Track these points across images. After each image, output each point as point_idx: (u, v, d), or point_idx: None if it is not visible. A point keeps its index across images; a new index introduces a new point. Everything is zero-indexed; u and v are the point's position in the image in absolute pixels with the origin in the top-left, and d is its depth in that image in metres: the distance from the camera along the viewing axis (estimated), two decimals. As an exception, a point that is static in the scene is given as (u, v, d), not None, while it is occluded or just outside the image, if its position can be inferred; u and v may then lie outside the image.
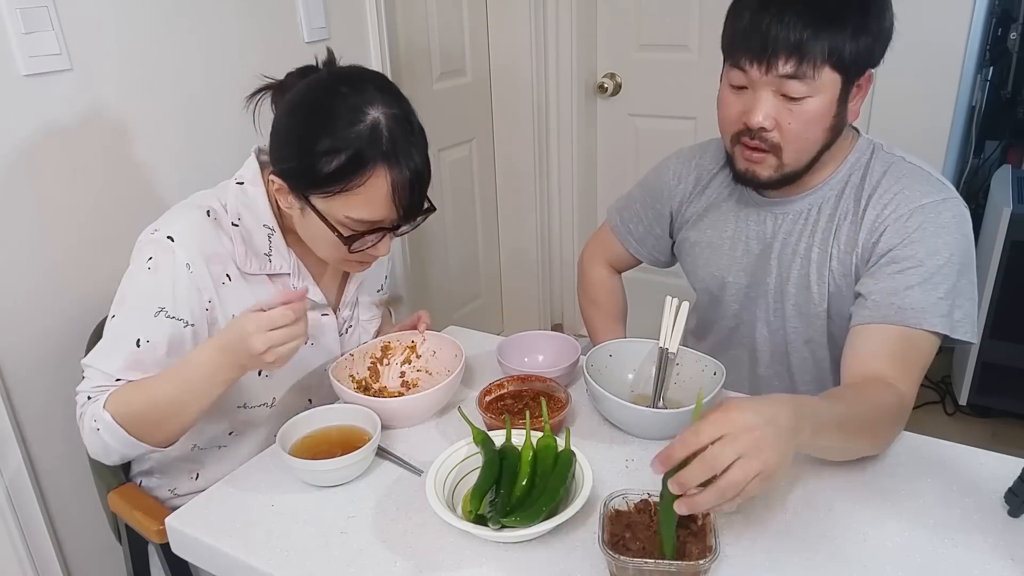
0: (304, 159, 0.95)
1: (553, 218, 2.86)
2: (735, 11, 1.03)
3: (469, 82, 2.56)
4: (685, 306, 1.10)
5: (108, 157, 1.38)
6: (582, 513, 0.84)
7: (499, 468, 0.90)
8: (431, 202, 1.03)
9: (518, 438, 0.95)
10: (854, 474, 0.94)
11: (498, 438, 0.96)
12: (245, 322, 0.92)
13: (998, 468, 0.94)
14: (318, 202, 0.98)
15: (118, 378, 1.01)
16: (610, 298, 1.47)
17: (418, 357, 1.24)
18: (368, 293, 1.26)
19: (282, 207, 1.04)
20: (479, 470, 0.91)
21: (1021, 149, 2.66)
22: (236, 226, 1.06)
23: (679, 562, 0.75)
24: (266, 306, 0.93)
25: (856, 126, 1.14)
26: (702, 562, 0.75)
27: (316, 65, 1.05)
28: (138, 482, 1.23)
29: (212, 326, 1.05)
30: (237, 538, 0.90)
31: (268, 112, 1.05)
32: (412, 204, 0.99)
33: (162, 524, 0.97)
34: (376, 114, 0.94)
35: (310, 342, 1.15)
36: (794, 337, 1.20)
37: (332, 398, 1.14)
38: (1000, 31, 2.45)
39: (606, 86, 2.69)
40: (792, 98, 1.00)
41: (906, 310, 1.00)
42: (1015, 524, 0.85)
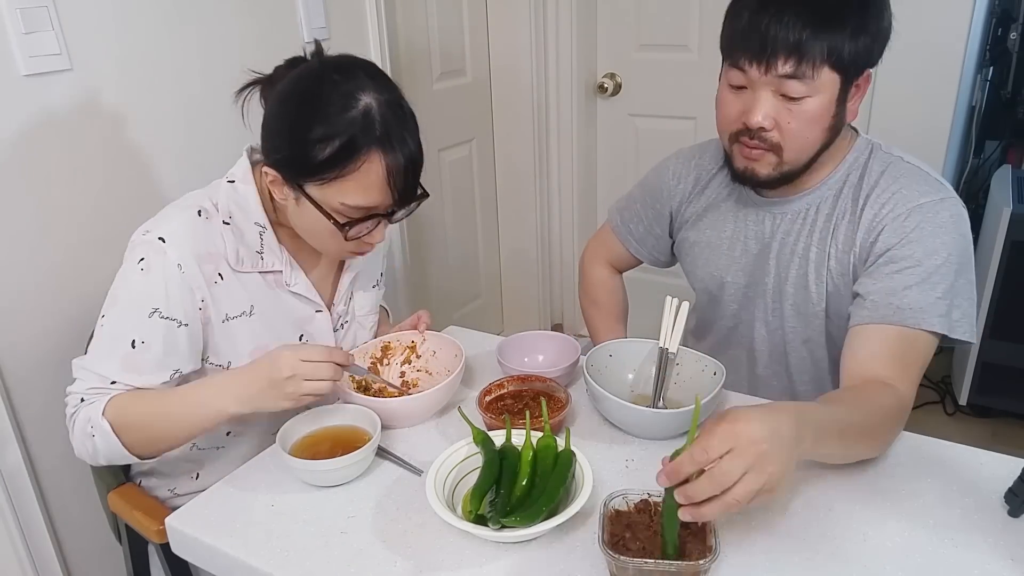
0: (297, 147, 0.95)
1: (553, 218, 2.86)
2: (734, 11, 1.03)
3: (469, 82, 2.56)
4: (685, 306, 1.10)
5: (108, 157, 1.38)
6: (582, 513, 0.84)
7: (499, 468, 0.90)
8: (424, 188, 1.04)
9: (518, 438, 0.95)
10: (854, 474, 0.94)
11: (498, 438, 0.96)
12: (281, 347, 0.97)
13: (998, 468, 0.94)
14: (313, 190, 0.98)
15: (114, 380, 1.01)
16: (611, 298, 1.47)
17: (418, 357, 1.24)
18: (363, 288, 1.25)
19: (276, 199, 1.04)
20: (479, 470, 0.91)
21: (1021, 149, 2.65)
22: (227, 224, 1.06)
23: (679, 562, 0.75)
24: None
25: (855, 126, 1.14)
26: (702, 562, 0.75)
27: (304, 56, 1.05)
28: (137, 482, 1.23)
29: (206, 326, 1.06)
30: (237, 538, 0.90)
31: (257, 108, 1.05)
32: (407, 188, 0.99)
33: (162, 524, 0.97)
34: (368, 100, 0.94)
35: (304, 338, 1.15)
36: (792, 337, 1.20)
37: (330, 398, 1.14)
38: (1000, 31, 2.45)
39: (606, 86, 2.69)
40: (791, 98, 1.00)
41: (904, 310, 1.00)
42: (1015, 524, 0.85)
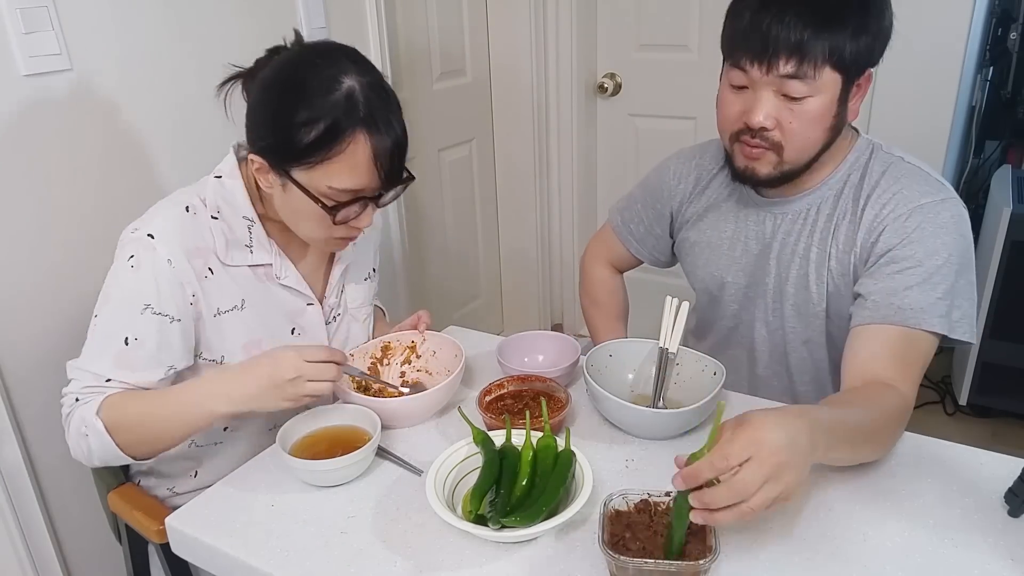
0: (282, 132, 0.96)
1: (553, 218, 2.86)
2: (735, 11, 1.02)
3: (469, 82, 2.56)
4: (685, 306, 1.10)
5: (108, 157, 1.38)
6: (582, 513, 0.84)
7: (499, 468, 0.90)
8: (409, 171, 1.04)
9: (518, 438, 0.95)
10: (854, 474, 0.94)
11: (498, 438, 0.96)
12: (284, 348, 0.98)
13: (998, 468, 0.94)
14: (299, 175, 0.98)
15: (108, 378, 1.01)
16: (611, 298, 1.48)
17: (418, 357, 1.24)
18: (355, 281, 1.25)
19: (263, 188, 1.04)
20: (479, 470, 0.91)
21: (1021, 149, 2.65)
22: (215, 219, 1.06)
23: (679, 562, 0.75)
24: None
25: (855, 126, 1.14)
26: (702, 562, 0.75)
27: (285, 45, 1.05)
28: (137, 481, 1.23)
29: (197, 321, 1.06)
30: (237, 538, 0.90)
31: (240, 103, 1.05)
32: (392, 169, 1.00)
33: (162, 524, 0.97)
34: (351, 82, 0.95)
35: (297, 331, 1.15)
36: (793, 337, 1.20)
37: (328, 397, 1.14)
38: (1000, 31, 2.45)
39: (606, 86, 2.69)
40: (793, 98, 1.00)
41: (905, 310, 1.00)
42: (1015, 524, 0.85)
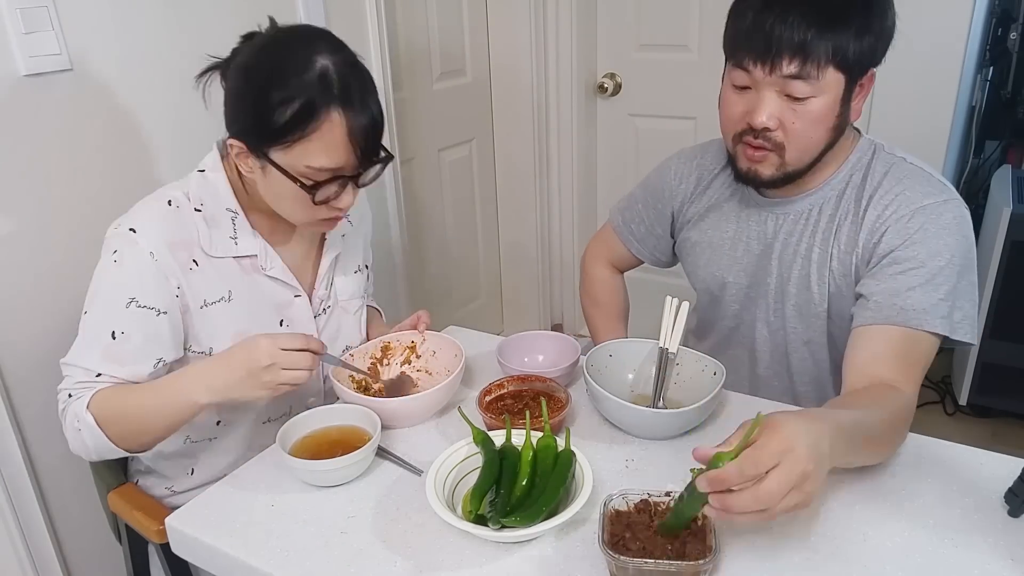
0: (259, 113, 0.96)
1: (553, 218, 2.86)
2: (738, 10, 1.02)
3: (469, 82, 2.56)
4: (685, 306, 1.10)
5: (108, 157, 1.38)
6: (582, 513, 0.84)
7: (499, 468, 0.90)
8: (387, 150, 1.05)
9: (518, 438, 0.95)
10: (854, 474, 0.94)
11: (498, 438, 0.95)
12: (258, 336, 0.97)
13: (998, 468, 0.94)
14: (278, 156, 0.99)
15: (98, 373, 1.02)
16: (612, 298, 1.47)
17: (418, 357, 1.24)
18: (344, 272, 1.25)
19: (244, 173, 1.05)
20: (479, 470, 0.91)
21: (1021, 149, 2.65)
22: (199, 211, 1.07)
23: (679, 562, 0.75)
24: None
25: (857, 126, 1.14)
26: (702, 562, 0.75)
27: (259, 31, 1.06)
28: (135, 481, 1.23)
29: (185, 313, 1.06)
30: (237, 538, 0.90)
31: (219, 98, 1.05)
32: (368, 146, 1.00)
33: (162, 524, 0.97)
34: (324, 61, 0.96)
35: (285, 323, 1.16)
36: (794, 338, 1.20)
37: (315, 382, 1.15)
38: (1000, 31, 2.45)
39: (606, 86, 2.69)
40: (796, 98, 0.99)
41: (908, 311, 1.00)
42: (1015, 524, 0.85)
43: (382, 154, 1.04)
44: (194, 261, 1.06)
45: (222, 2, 1.53)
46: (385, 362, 1.23)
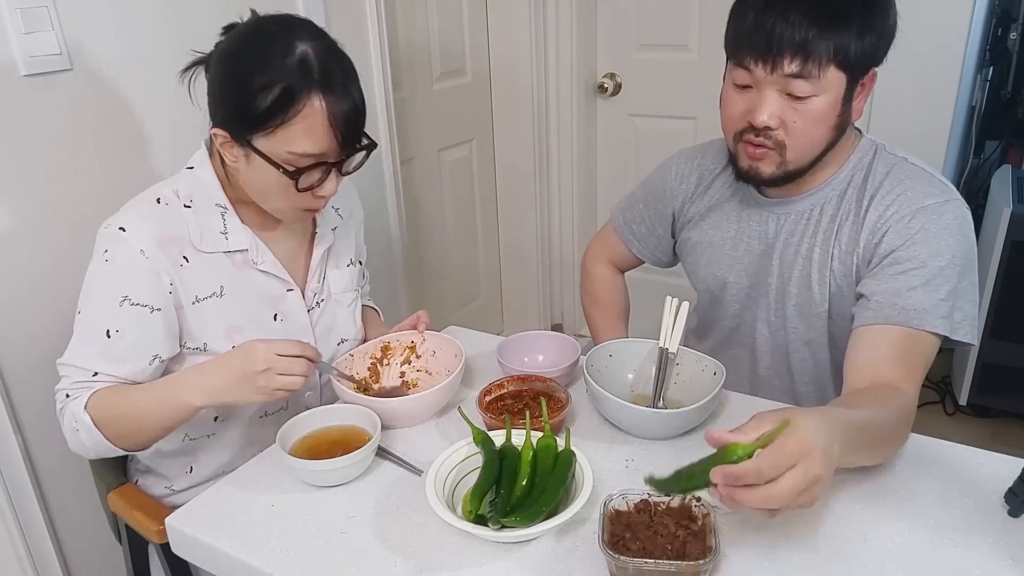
0: (241, 100, 0.97)
1: (553, 218, 2.86)
2: (739, 10, 1.02)
3: (469, 82, 2.56)
4: (685, 306, 1.10)
5: (108, 157, 1.38)
6: (582, 513, 0.84)
7: (499, 468, 0.90)
8: (370, 138, 1.05)
9: (518, 438, 0.95)
10: (854, 474, 0.94)
11: (498, 438, 0.96)
12: (255, 341, 0.99)
13: (998, 468, 0.94)
14: (261, 143, 0.99)
15: (95, 372, 1.03)
16: (613, 297, 1.47)
17: (418, 357, 1.24)
18: (337, 266, 1.25)
19: (228, 162, 1.05)
20: (479, 470, 0.91)
21: (1021, 149, 2.65)
22: (189, 208, 1.08)
23: (679, 562, 0.75)
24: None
25: (858, 127, 1.14)
26: (702, 562, 0.75)
27: (240, 21, 1.06)
28: (135, 481, 1.23)
29: (179, 309, 1.07)
30: (237, 538, 0.90)
31: (203, 93, 1.06)
32: (349, 131, 1.00)
33: (162, 524, 0.97)
34: (304, 47, 0.96)
35: (280, 318, 1.16)
36: (794, 338, 1.20)
37: (312, 378, 1.15)
38: (1000, 31, 2.45)
39: (606, 86, 2.69)
40: (797, 97, 1.00)
41: (908, 311, 1.00)
42: (1015, 524, 0.85)
43: (364, 141, 1.04)
44: (184, 257, 1.06)
45: (222, 3, 1.53)
46: (385, 362, 1.23)
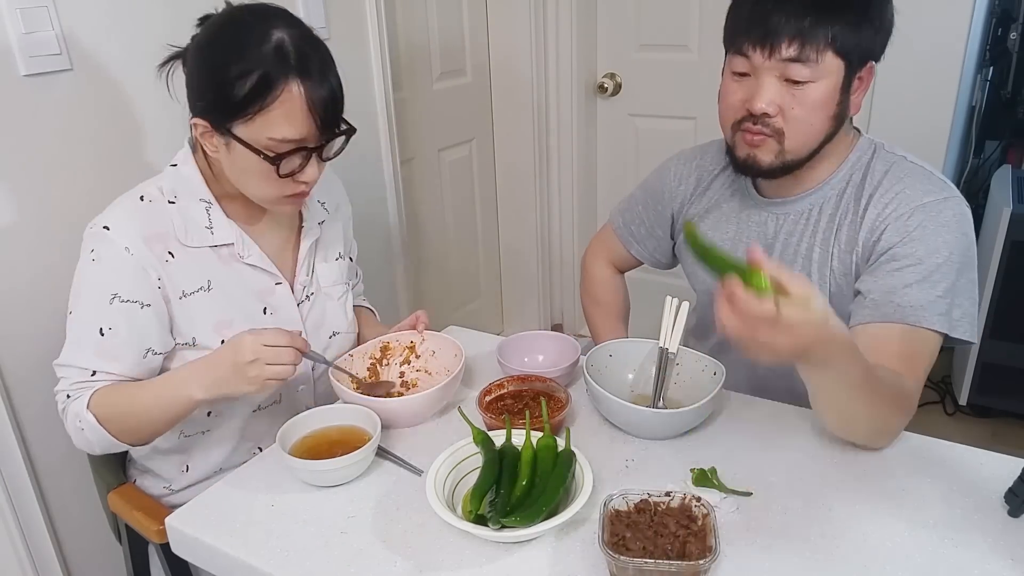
0: (219, 89, 0.97)
1: (553, 218, 2.86)
2: (737, 2, 1.04)
3: (469, 82, 2.56)
4: (685, 306, 1.10)
5: (107, 157, 1.38)
6: (582, 513, 0.84)
7: (499, 468, 0.90)
8: (349, 123, 1.05)
9: (518, 438, 0.95)
10: (854, 474, 0.94)
11: (498, 438, 0.96)
12: (243, 333, 0.99)
13: (998, 468, 0.94)
14: (241, 131, 1.00)
15: (93, 371, 1.04)
16: (612, 297, 1.47)
17: (417, 357, 1.24)
18: (325, 259, 1.25)
19: (209, 153, 1.05)
20: (479, 470, 0.91)
21: (1021, 149, 2.66)
22: (173, 203, 1.08)
23: (679, 562, 0.75)
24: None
25: (857, 126, 1.14)
26: (702, 562, 0.75)
27: (215, 12, 1.07)
28: (133, 481, 1.23)
29: (168, 304, 1.07)
30: (237, 538, 0.90)
31: (182, 87, 1.06)
32: (327, 116, 1.01)
33: (162, 524, 0.97)
34: (280, 34, 0.97)
35: (269, 312, 1.16)
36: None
37: (304, 372, 1.17)
38: (1000, 31, 2.45)
39: (606, 86, 2.69)
40: (795, 82, 0.99)
41: (905, 308, 1.00)
42: (1015, 524, 0.85)
43: (344, 127, 1.05)
44: (170, 253, 1.07)
45: (222, 3, 1.53)
46: (384, 362, 1.23)
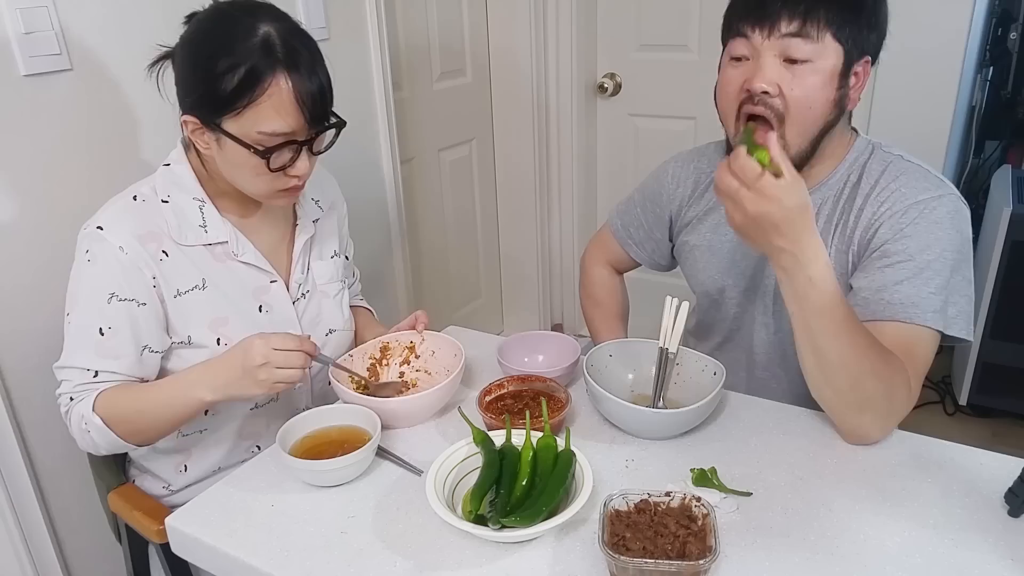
0: (207, 84, 0.98)
1: (553, 218, 2.86)
2: None
3: (469, 82, 2.56)
4: (685, 306, 1.10)
5: (107, 157, 1.38)
6: (582, 513, 0.84)
7: (499, 468, 0.90)
8: (338, 116, 1.06)
9: (518, 438, 0.95)
10: (854, 474, 0.94)
11: (498, 438, 0.96)
12: (253, 336, 1.00)
13: (998, 468, 0.94)
14: (230, 125, 1.00)
15: (96, 371, 1.04)
16: (612, 297, 1.47)
17: (417, 357, 1.24)
18: (321, 257, 1.25)
19: (201, 150, 1.06)
20: (479, 470, 0.91)
21: (1021, 149, 2.66)
22: (166, 203, 1.09)
23: (679, 562, 0.75)
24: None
25: (855, 127, 1.14)
26: (702, 562, 0.75)
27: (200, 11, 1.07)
28: (132, 480, 1.23)
29: (163, 303, 1.07)
30: (237, 538, 0.90)
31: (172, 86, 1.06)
32: (316, 108, 1.01)
33: (162, 524, 0.97)
34: (267, 27, 0.98)
35: (264, 309, 1.16)
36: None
37: (301, 389, 1.17)
38: (1000, 31, 2.45)
39: (606, 86, 2.69)
40: (795, 60, 0.99)
41: (895, 305, 1.00)
42: (1015, 524, 0.85)
43: (333, 119, 1.05)
44: (164, 252, 1.07)
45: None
46: (384, 362, 1.23)
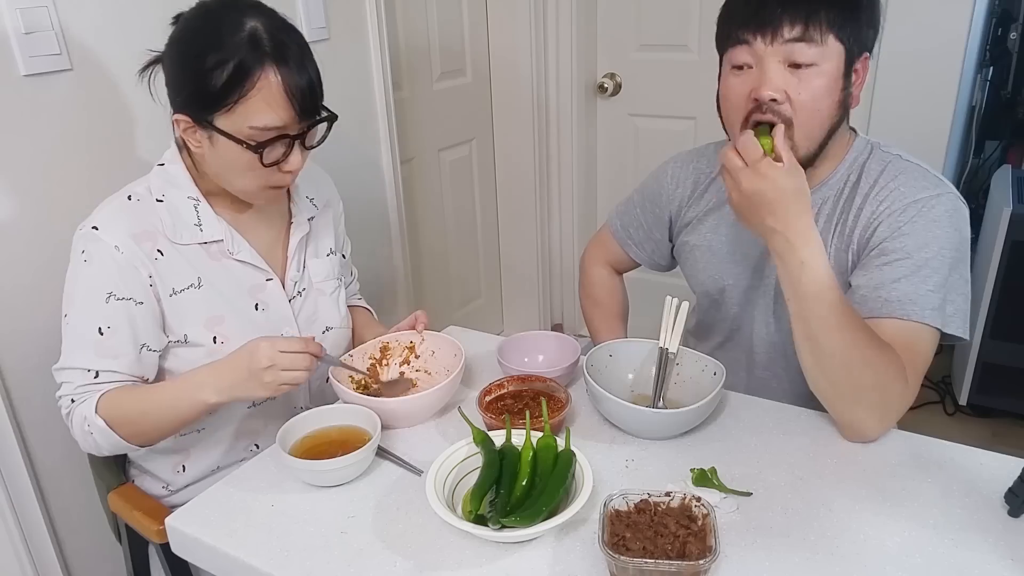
0: (197, 81, 0.98)
1: (553, 218, 2.86)
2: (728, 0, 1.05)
3: (469, 82, 2.56)
4: (685, 306, 1.10)
5: (107, 157, 1.38)
6: (582, 513, 0.84)
7: (499, 468, 0.90)
8: (329, 110, 1.06)
9: (518, 438, 0.95)
10: (854, 474, 0.94)
11: (498, 438, 0.96)
12: (260, 338, 1.00)
13: (998, 468, 0.94)
14: (222, 122, 1.00)
15: (96, 371, 1.04)
16: (611, 297, 1.47)
17: (417, 357, 1.24)
18: (316, 255, 1.25)
19: (193, 149, 1.06)
20: (479, 470, 0.91)
21: (1021, 149, 2.66)
22: (161, 202, 1.09)
23: (679, 562, 0.75)
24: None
25: (854, 127, 1.14)
26: (702, 562, 0.75)
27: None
28: (132, 480, 1.23)
29: (159, 301, 1.08)
30: (237, 538, 0.90)
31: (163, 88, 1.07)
32: (306, 101, 1.01)
33: (162, 524, 0.97)
34: (253, 23, 0.98)
35: (261, 308, 1.16)
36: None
37: (299, 388, 1.17)
38: (1000, 31, 2.46)
39: (606, 86, 2.69)
40: (800, 65, 0.99)
41: (893, 302, 1.00)
42: (1015, 524, 0.85)
43: (324, 113, 1.05)
44: (159, 251, 1.07)
45: (222, 2, 1.53)
46: (384, 362, 1.23)
